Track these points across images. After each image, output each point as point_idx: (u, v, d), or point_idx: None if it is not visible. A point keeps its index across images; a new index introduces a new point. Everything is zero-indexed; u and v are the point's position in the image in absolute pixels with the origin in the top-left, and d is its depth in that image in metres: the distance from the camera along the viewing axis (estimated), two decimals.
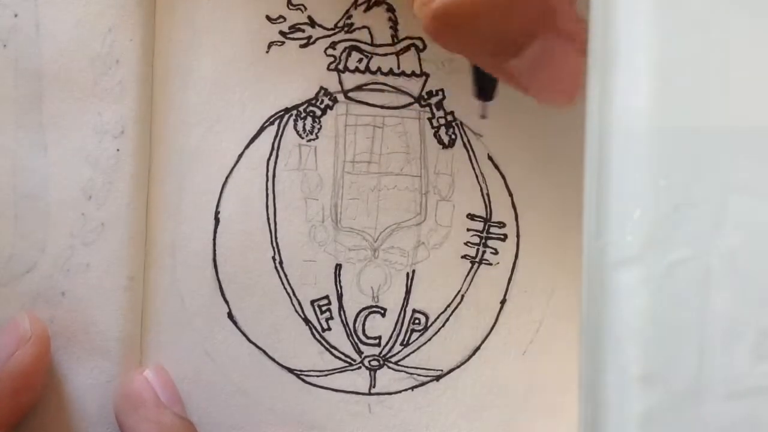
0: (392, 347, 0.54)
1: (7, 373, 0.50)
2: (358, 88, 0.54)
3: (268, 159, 0.54)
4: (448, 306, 0.54)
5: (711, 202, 0.32)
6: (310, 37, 0.53)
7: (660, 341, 0.33)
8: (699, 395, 0.32)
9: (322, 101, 0.54)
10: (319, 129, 0.54)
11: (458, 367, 0.54)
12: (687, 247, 0.33)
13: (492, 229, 0.54)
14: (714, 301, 0.33)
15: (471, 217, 0.54)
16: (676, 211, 0.32)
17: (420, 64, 0.54)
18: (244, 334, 0.54)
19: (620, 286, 0.33)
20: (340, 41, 0.54)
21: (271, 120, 0.54)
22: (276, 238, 0.54)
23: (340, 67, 0.54)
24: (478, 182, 0.54)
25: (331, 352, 0.54)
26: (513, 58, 0.40)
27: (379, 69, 0.54)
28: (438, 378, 0.54)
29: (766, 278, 0.32)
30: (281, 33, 0.53)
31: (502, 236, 0.54)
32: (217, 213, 0.53)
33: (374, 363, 0.54)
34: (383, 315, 0.54)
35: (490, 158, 0.54)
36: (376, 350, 0.54)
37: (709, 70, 0.33)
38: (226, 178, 0.53)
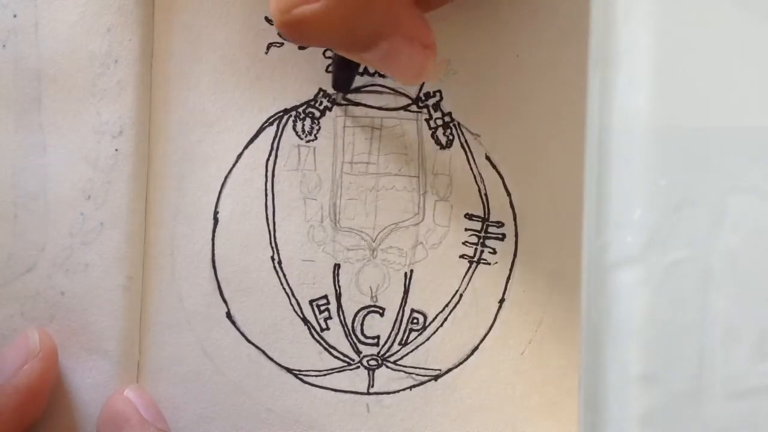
0: (390, 347, 0.54)
1: (13, 386, 0.50)
2: (357, 89, 0.54)
3: (267, 159, 0.54)
4: (447, 306, 0.54)
5: (711, 202, 0.33)
6: None
7: (660, 341, 0.33)
8: (699, 395, 0.33)
9: (321, 102, 0.54)
10: (318, 130, 0.54)
11: (456, 366, 0.54)
12: (687, 247, 0.33)
13: (490, 229, 0.54)
14: (714, 301, 0.33)
15: (469, 216, 0.54)
16: (676, 211, 0.33)
17: None
18: (243, 334, 0.54)
19: (620, 286, 0.33)
20: None
21: (270, 121, 0.54)
22: (275, 237, 0.54)
23: None
24: (476, 182, 0.54)
25: (329, 352, 0.54)
26: (365, 53, 0.45)
27: (377, 71, 0.54)
28: (436, 378, 0.54)
29: (766, 278, 0.32)
30: (280, 34, 0.53)
31: (501, 236, 0.54)
32: (216, 213, 0.53)
33: (373, 363, 0.54)
34: (382, 315, 0.54)
35: (487, 158, 0.54)
36: (374, 350, 0.54)
37: (709, 70, 0.33)
38: (225, 178, 0.53)
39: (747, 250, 0.33)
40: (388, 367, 0.54)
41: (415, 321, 0.54)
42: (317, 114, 0.54)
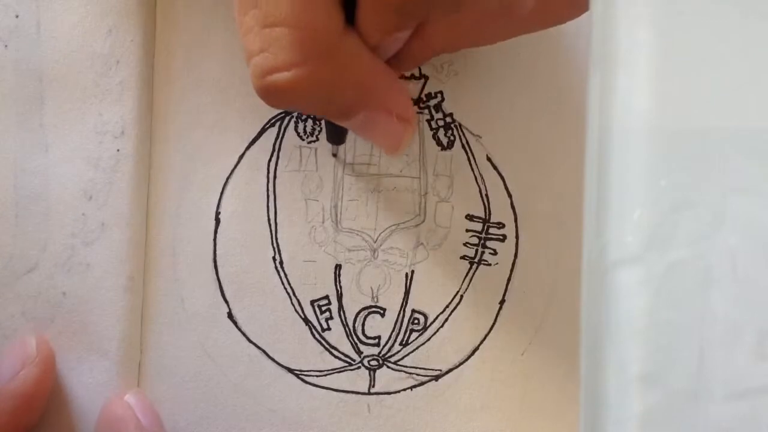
0: (391, 347, 0.54)
1: (9, 392, 0.51)
2: None
3: (269, 160, 0.54)
4: (447, 306, 0.54)
5: (711, 202, 0.33)
6: None
7: (660, 341, 0.33)
8: (699, 395, 0.33)
9: None
10: (320, 131, 0.54)
11: (457, 367, 0.54)
12: (687, 247, 0.33)
13: (491, 230, 0.54)
14: (714, 301, 0.33)
15: (470, 218, 0.54)
16: (676, 211, 0.33)
17: (419, 67, 0.54)
18: (244, 334, 0.54)
19: (620, 286, 0.33)
20: None
21: (271, 122, 0.54)
22: (276, 238, 0.54)
23: None
24: (477, 183, 0.54)
25: (330, 352, 0.54)
26: (341, 122, 0.46)
27: None
28: (437, 378, 0.54)
29: (766, 278, 0.32)
30: None
31: (501, 237, 0.54)
32: (217, 213, 0.54)
33: (374, 363, 0.54)
34: (382, 315, 0.54)
35: (489, 159, 0.54)
36: (375, 350, 0.54)
37: (709, 70, 0.33)
38: (227, 178, 0.54)
39: (747, 250, 0.33)
40: (389, 367, 0.54)
41: (415, 321, 0.54)
42: None
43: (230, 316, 0.54)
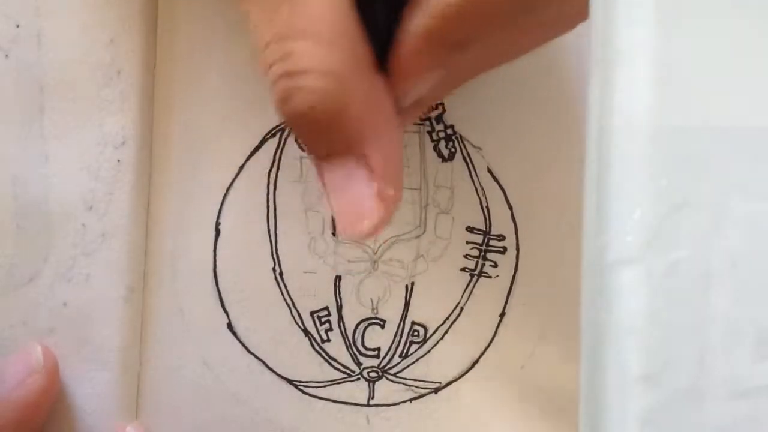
0: (391, 359, 0.54)
1: (13, 402, 0.51)
2: None
3: (270, 171, 0.54)
4: (447, 318, 0.54)
5: (711, 202, 0.33)
6: None
7: (660, 341, 0.33)
8: (699, 395, 0.32)
9: None
10: None
11: (457, 379, 0.54)
12: (687, 247, 0.33)
13: (491, 242, 0.54)
14: (714, 301, 0.33)
15: (470, 229, 0.54)
16: (676, 211, 0.33)
17: None
18: (244, 345, 0.54)
19: (620, 286, 0.33)
20: None
21: (272, 132, 0.54)
22: (276, 249, 0.54)
23: None
24: (478, 195, 0.54)
25: (330, 364, 0.54)
26: (328, 160, 0.43)
27: None
28: (436, 390, 0.54)
29: (766, 278, 0.32)
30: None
31: (502, 249, 0.54)
32: (217, 224, 0.54)
33: (373, 374, 0.54)
34: (382, 327, 0.54)
35: (489, 171, 0.54)
36: (375, 362, 0.54)
37: (709, 70, 0.33)
38: (227, 189, 0.54)
39: (747, 250, 0.33)
40: (388, 379, 0.54)
41: (415, 333, 0.54)
42: None
43: (230, 326, 0.54)
